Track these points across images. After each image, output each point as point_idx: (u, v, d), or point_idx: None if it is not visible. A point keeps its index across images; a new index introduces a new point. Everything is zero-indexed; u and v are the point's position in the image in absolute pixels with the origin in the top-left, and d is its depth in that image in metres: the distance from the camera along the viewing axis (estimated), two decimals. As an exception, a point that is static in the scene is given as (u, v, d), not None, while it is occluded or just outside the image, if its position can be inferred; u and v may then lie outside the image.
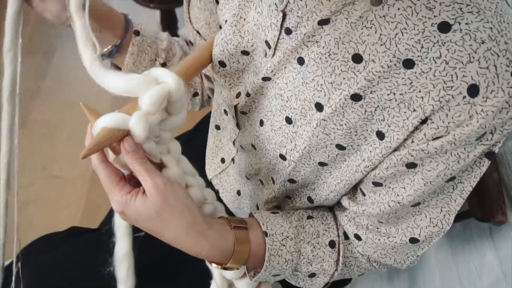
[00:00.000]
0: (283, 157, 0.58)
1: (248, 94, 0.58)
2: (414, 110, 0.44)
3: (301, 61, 0.50)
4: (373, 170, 0.51)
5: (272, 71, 0.53)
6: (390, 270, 1.06)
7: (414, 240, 0.54)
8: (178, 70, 0.55)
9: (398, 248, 0.57)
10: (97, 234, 0.76)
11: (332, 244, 0.60)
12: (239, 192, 0.76)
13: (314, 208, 0.65)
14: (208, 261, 0.56)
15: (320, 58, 0.48)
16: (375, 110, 0.47)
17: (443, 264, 0.89)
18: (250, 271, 0.60)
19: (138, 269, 0.70)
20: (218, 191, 0.81)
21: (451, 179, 0.48)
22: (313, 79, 0.50)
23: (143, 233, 0.53)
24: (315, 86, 0.50)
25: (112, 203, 0.49)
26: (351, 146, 0.51)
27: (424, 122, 0.44)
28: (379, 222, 0.56)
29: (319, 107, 0.50)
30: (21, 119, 1.89)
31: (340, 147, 0.52)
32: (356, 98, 0.47)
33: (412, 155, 0.46)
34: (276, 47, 0.53)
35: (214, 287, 0.60)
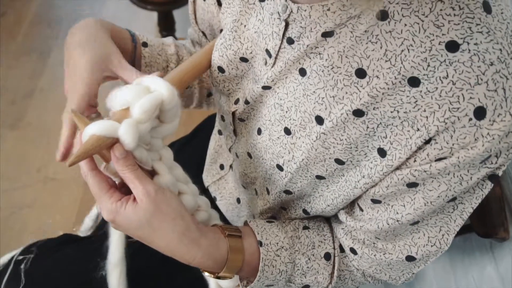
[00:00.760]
0: (280, 167, 0.57)
1: (247, 102, 0.58)
2: (418, 130, 0.43)
3: (303, 72, 0.49)
4: (372, 187, 0.50)
5: (273, 80, 0.53)
6: (388, 280, 1.05)
7: (410, 258, 0.54)
8: (172, 77, 0.54)
9: (394, 264, 0.56)
10: (89, 241, 0.75)
11: (327, 256, 0.60)
12: (239, 200, 0.75)
13: (310, 218, 0.64)
14: (201, 269, 0.55)
15: (323, 71, 0.47)
16: (377, 127, 0.46)
17: (441, 275, 0.88)
18: (243, 280, 0.59)
19: (132, 275, 0.69)
20: (216, 198, 0.80)
21: (452, 200, 0.47)
22: (314, 92, 0.49)
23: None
24: (316, 98, 0.49)
25: (102, 211, 0.48)
26: (351, 161, 0.50)
27: (427, 142, 0.43)
28: (376, 238, 0.55)
29: (319, 120, 0.49)
30: (15, 121, 1.87)
31: (339, 161, 0.51)
32: (358, 114, 0.46)
33: (414, 175, 0.45)
34: (277, 56, 0.52)
35: None
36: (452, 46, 0.39)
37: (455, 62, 0.39)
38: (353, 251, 0.58)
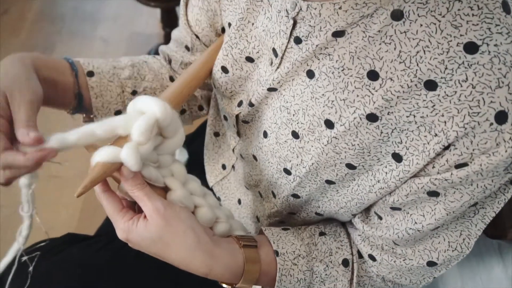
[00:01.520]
0: (287, 171, 0.56)
1: (251, 104, 0.56)
2: (436, 135, 0.42)
3: (310, 74, 0.48)
4: (391, 196, 0.49)
5: (279, 82, 0.51)
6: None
7: (431, 264, 0.52)
8: (170, 93, 0.55)
9: (415, 270, 0.55)
10: (93, 241, 0.75)
11: (345, 263, 0.58)
12: (239, 201, 0.74)
13: (326, 223, 0.63)
14: (218, 281, 0.54)
15: (333, 73, 0.46)
16: (392, 132, 0.45)
17: (447, 277, 0.87)
18: None
19: (137, 277, 0.68)
20: (220, 199, 0.79)
21: (473, 205, 0.46)
22: (323, 94, 0.48)
23: None
24: (326, 102, 0.48)
25: (117, 231, 0.49)
26: (362, 166, 0.49)
27: (446, 148, 0.42)
28: (395, 243, 0.54)
29: (329, 124, 0.48)
30: (18, 119, 1.81)
31: (350, 166, 0.50)
32: (372, 118, 0.45)
33: (434, 184, 0.44)
34: (283, 56, 0.50)
35: None
36: (471, 48, 0.38)
37: (475, 64, 0.38)
38: (372, 257, 0.57)
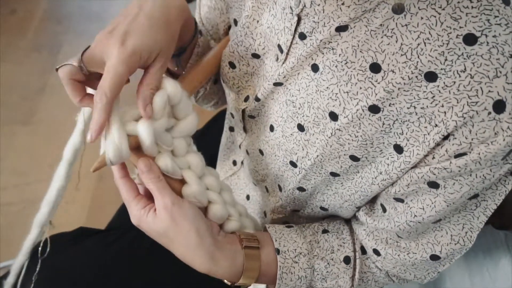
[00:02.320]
0: (294, 164, 0.57)
1: (257, 99, 0.57)
2: (436, 126, 0.43)
3: (315, 68, 0.49)
4: (393, 187, 0.50)
5: (285, 76, 0.52)
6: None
7: (435, 257, 0.53)
8: (183, 77, 0.57)
9: (419, 264, 0.55)
10: (104, 235, 0.76)
11: (347, 260, 0.59)
12: (248, 197, 0.75)
13: (330, 220, 0.64)
14: None
15: (336, 66, 0.47)
16: (393, 123, 0.46)
17: (455, 268, 0.88)
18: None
19: (147, 272, 0.69)
20: (229, 194, 0.80)
21: (474, 197, 0.47)
22: (327, 87, 0.48)
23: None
24: (330, 94, 0.48)
25: (130, 216, 0.52)
26: (366, 157, 0.50)
27: (446, 138, 0.43)
28: (399, 236, 0.55)
29: (333, 116, 0.49)
30: (27, 117, 1.88)
31: (354, 158, 0.51)
32: (374, 110, 0.46)
33: (434, 173, 0.44)
34: (288, 52, 0.51)
35: None
36: (470, 39, 0.39)
37: (473, 55, 0.39)
38: (376, 252, 0.58)
